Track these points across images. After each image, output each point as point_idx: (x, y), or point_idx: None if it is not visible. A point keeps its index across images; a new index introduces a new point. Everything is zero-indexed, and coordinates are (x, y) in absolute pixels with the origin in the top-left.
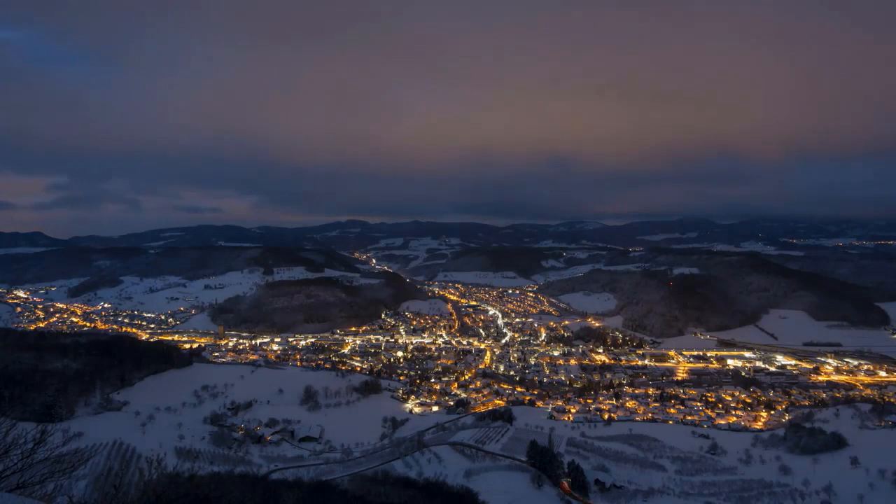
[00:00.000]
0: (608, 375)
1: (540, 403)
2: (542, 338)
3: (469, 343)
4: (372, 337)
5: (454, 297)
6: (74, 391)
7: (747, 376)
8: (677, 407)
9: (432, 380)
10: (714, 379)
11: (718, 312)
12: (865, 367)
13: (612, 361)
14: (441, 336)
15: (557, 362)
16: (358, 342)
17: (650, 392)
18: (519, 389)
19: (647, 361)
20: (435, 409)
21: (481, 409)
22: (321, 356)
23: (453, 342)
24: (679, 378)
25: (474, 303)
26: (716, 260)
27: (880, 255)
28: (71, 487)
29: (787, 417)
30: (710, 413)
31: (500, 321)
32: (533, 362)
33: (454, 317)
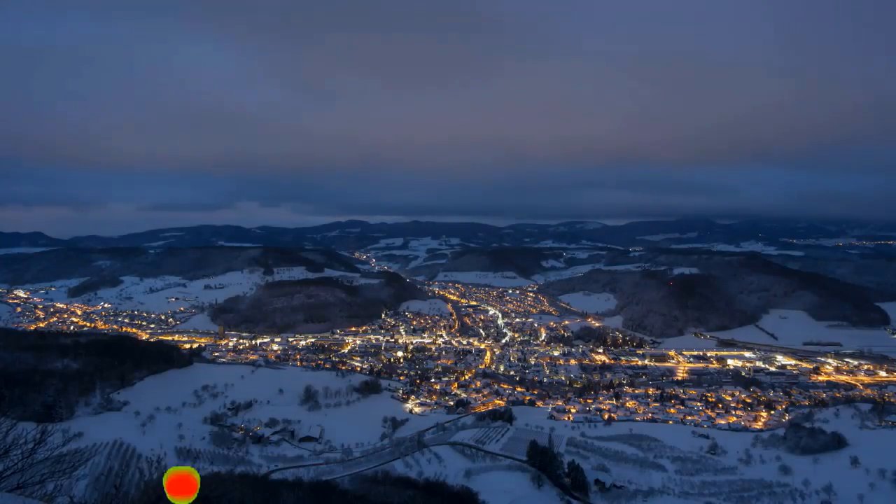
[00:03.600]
0: (608, 375)
1: (540, 403)
2: (542, 338)
3: (469, 343)
4: (372, 337)
5: (454, 297)
6: (74, 391)
7: (747, 376)
8: (677, 407)
9: (432, 380)
10: (714, 379)
11: (718, 312)
12: (865, 367)
13: (612, 361)
14: (441, 336)
15: (557, 362)
16: (358, 342)
17: (650, 392)
18: (519, 389)
19: (647, 361)
20: (435, 409)
21: (481, 409)
22: (321, 356)
23: (453, 342)
24: (679, 378)
25: (474, 303)
26: (716, 260)
27: (880, 255)
28: (71, 487)
29: (787, 417)
30: (710, 413)
31: (500, 321)
32: (533, 362)
33: (454, 317)
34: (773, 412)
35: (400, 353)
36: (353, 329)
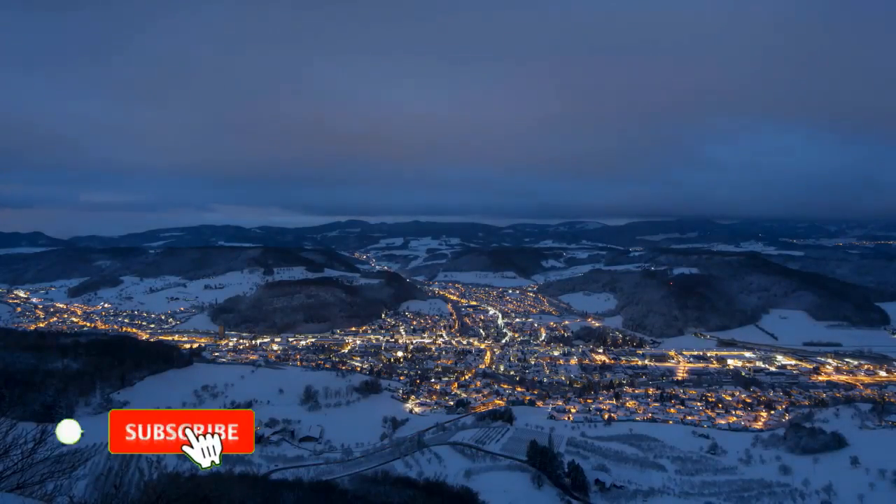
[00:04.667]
0: (608, 375)
1: (540, 403)
2: (542, 338)
3: (469, 343)
4: (372, 337)
5: (454, 297)
6: (74, 391)
7: (747, 376)
8: (677, 407)
9: (432, 380)
10: (714, 379)
11: (718, 312)
12: (865, 367)
13: (612, 361)
14: (441, 336)
15: (557, 362)
16: (358, 342)
17: (650, 392)
18: (519, 389)
19: (647, 361)
20: (435, 409)
21: (481, 409)
22: (321, 356)
23: (453, 342)
24: (679, 378)
25: (474, 303)
26: (716, 260)
27: (880, 255)
28: (71, 487)
29: (787, 417)
30: (710, 413)
31: (500, 321)
32: (533, 362)
33: (454, 317)
34: (773, 412)
35: (400, 353)
36: (353, 329)
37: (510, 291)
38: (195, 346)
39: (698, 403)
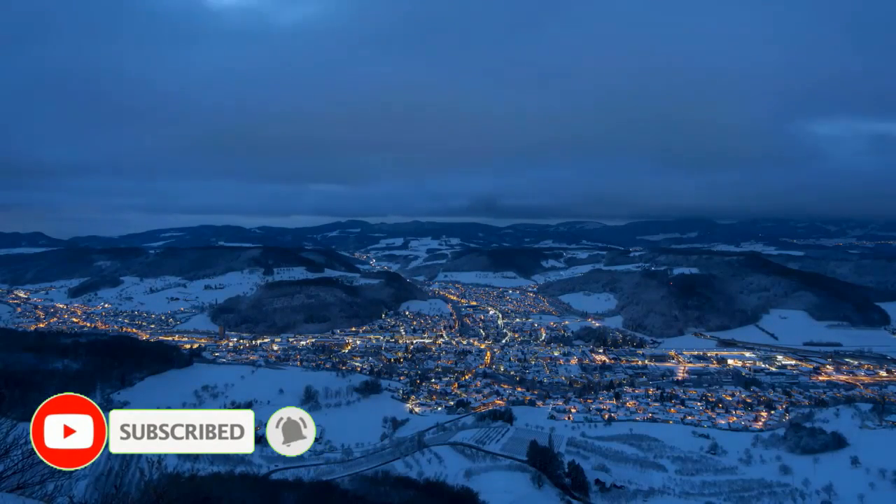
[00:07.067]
0: (608, 375)
1: (540, 403)
2: (543, 338)
3: (469, 343)
4: (372, 337)
5: (454, 298)
6: (74, 391)
7: (747, 376)
8: (677, 407)
9: (432, 380)
10: (714, 379)
11: (718, 312)
12: (865, 367)
13: (612, 361)
14: (441, 336)
15: (558, 362)
16: (358, 342)
17: (650, 392)
18: (519, 389)
19: (647, 361)
20: (435, 409)
21: (481, 409)
22: (321, 356)
23: (453, 342)
24: (679, 378)
25: (474, 303)
26: (716, 260)
27: (880, 255)
28: (71, 487)
29: (787, 417)
30: (710, 413)
31: (500, 321)
32: (533, 362)
33: (454, 317)
34: (773, 412)
35: (400, 354)
36: (354, 329)
37: (510, 291)
38: (195, 346)
39: (698, 403)
